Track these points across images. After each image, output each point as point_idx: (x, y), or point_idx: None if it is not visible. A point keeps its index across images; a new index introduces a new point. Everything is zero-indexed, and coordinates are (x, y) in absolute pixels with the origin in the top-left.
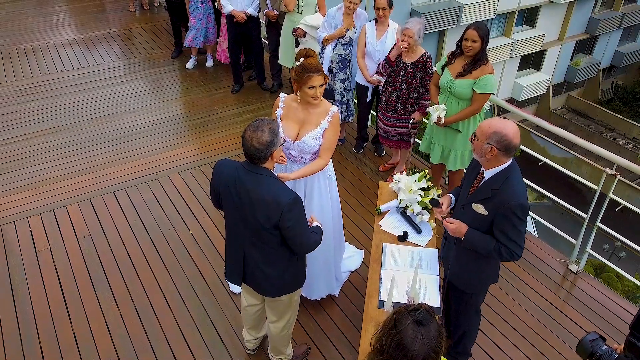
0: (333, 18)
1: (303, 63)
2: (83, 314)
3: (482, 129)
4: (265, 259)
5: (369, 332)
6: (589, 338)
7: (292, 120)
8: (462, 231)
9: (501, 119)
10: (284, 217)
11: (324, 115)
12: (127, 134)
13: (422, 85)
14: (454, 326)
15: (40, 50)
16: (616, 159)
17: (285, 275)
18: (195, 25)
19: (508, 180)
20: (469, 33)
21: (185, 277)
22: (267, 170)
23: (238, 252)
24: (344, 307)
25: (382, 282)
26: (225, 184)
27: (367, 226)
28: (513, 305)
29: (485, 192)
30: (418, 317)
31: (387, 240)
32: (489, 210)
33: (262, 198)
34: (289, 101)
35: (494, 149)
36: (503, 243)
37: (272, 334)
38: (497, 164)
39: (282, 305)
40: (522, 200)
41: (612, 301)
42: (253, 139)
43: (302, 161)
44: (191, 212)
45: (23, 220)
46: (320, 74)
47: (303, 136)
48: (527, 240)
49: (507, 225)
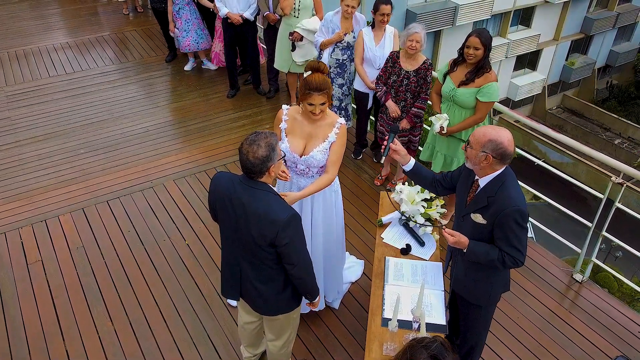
0: (331, 22)
1: (307, 78)
2: (76, 331)
3: (476, 137)
4: (260, 276)
5: (374, 351)
6: None
7: (298, 135)
8: (463, 243)
9: (494, 126)
10: (280, 235)
11: (330, 128)
12: (121, 140)
13: (416, 93)
14: (462, 341)
15: (31, 55)
16: (623, 168)
17: (281, 295)
18: (187, 28)
19: (504, 187)
20: (471, 40)
21: (181, 289)
22: (265, 184)
23: (234, 268)
24: (344, 321)
25: (385, 298)
26: (221, 198)
27: (367, 235)
28: (517, 316)
29: (482, 200)
30: (434, 351)
31: (389, 253)
32: (488, 218)
33: (256, 214)
34: (293, 113)
35: (489, 157)
36: (505, 251)
37: (270, 352)
38: (491, 172)
39: (279, 324)
40: (520, 205)
41: (618, 311)
42: (249, 153)
43: (309, 174)
44: (187, 221)
45: (14, 232)
46: (322, 94)
47: (310, 151)
48: (531, 249)
49: (507, 232)
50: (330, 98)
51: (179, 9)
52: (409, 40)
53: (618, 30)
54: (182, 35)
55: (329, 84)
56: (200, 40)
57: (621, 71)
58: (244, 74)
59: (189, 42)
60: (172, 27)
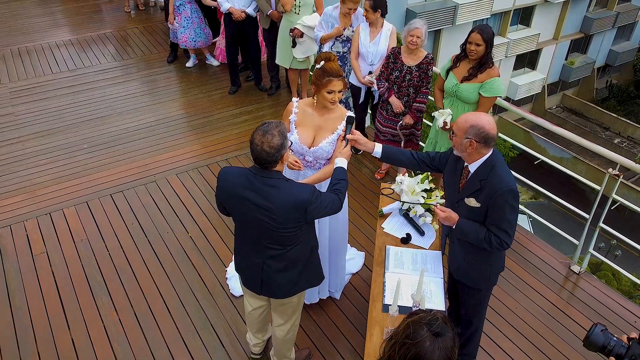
0: (330, 17)
1: (324, 66)
2: (82, 321)
3: (458, 124)
4: (280, 264)
5: (375, 336)
6: (599, 329)
7: (308, 126)
8: (453, 219)
9: (475, 112)
10: (308, 211)
11: (339, 121)
12: (123, 135)
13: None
14: (463, 327)
15: (34, 52)
16: (619, 159)
17: (300, 277)
18: (187, 25)
19: (494, 169)
20: (473, 36)
21: (185, 280)
22: (279, 173)
23: (255, 263)
24: (346, 311)
25: (386, 285)
26: (232, 193)
27: (367, 228)
28: (516, 307)
29: (474, 184)
30: (436, 329)
31: (390, 242)
32: (482, 201)
33: (281, 202)
34: (304, 106)
35: (473, 142)
36: (493, 232)
37: (277, 338)
38: (479, 157)
39: (291, 306)
40: (511, 185)
41: (615, 301)
42: (264, 143)
43: (316, 166)
44: (189, 214)
45: (19, 224)
46: (340, 79)
47: (319, 142)
48: (530, 242)
49: (499, 213)
50: (346, 85)
51: (179, 5)
52: (409, 35)
53: (617, 29)
54: (179, 30)
55: (343, 72)
56: (197, 39)
57: (621, 70)
58: (245, 71)
59: (186, 38)
60: (171, 18)
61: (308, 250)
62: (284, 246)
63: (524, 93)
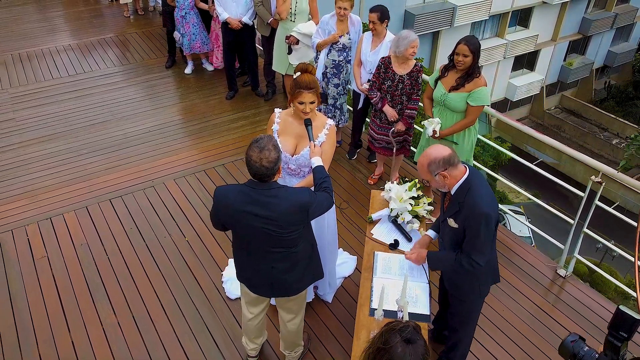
0: (327, 24)
1: (296, 78)
2: (81, 323)
3: (421, 171)
4: (287, 266)
5: (361, 339)
6: (569, 339)
7: (289, 135)
8: (423, 256)
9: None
10: (309, 212)
11: (320, 129)
12: (122, 141)
13: (410, 95)
14: (450, 333)
15: (35, 57)
16: (601, 167)
17: (305, 272)
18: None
19: (470, 191)
20: (460, 48)
21: (181, 283)
22: (276, 182)
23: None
24: (337, 314)
25: (374, 290)
26: (234, 210)
27: (360, 233)
28: (503, 309)
29: (454, 206)
30: (407, 335)
31: (379, 248)
32: (459, 223)
33: (284, 210)
34: (285, 116)
35: (442, 174)
36: (465, 252)
37: (290, 332)
38: (455, 181)
39: (299, 300)
40: (484, 209)
41: (599, 304)
42: (262, 160)
43: (300, 174)
44: (187, 219)
45: (20, 229)
46: (311, 92)
47: (301, 150)
48: (517, 246)
49: (472, 233)
50: (319, 97)
51: (185, 14)
52: (410, 47)
53: (616, 30)
54: (191, 39)
55: (317, 84)
56: (207, 42)
57: (619, 71)
58: (242, 76)
59: (199, 44)
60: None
61: (309, 247)
62: (289, 248)
63: (522, 94)
